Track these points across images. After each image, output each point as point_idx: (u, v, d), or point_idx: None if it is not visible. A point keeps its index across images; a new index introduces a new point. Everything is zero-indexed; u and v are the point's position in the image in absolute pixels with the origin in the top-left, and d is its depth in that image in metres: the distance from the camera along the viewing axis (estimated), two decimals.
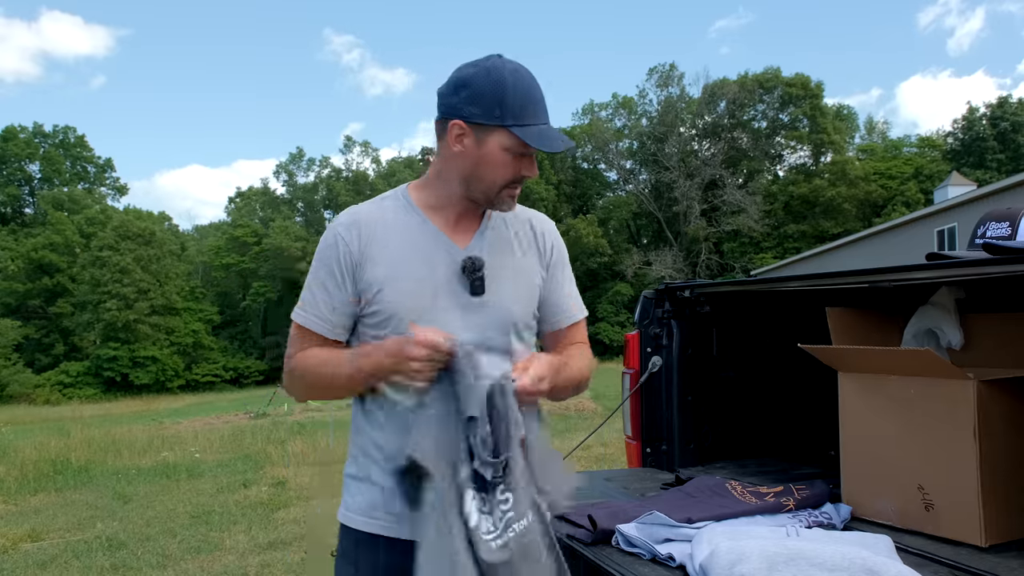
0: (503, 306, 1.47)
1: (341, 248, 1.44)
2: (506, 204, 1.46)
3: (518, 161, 1.41)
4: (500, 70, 1.39)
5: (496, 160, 1.40)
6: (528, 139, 1.37)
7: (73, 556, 5.18)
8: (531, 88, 1.41)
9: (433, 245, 1.45)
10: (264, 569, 4.79)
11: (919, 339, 2.01)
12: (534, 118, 1.39)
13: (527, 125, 1.38)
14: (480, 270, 1.44)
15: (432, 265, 1.44)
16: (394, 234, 1.45)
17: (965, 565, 1.46)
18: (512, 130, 1.37)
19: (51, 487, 7.93)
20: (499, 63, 1.40)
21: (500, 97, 1.37)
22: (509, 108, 1.37)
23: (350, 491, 1.51)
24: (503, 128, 1.38)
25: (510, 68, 1.40)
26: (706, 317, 2.63)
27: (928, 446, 1.68)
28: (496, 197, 1.44)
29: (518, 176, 1.43)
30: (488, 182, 1.42)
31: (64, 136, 54.15)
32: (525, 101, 1.39)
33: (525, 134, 1.37)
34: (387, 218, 1.47)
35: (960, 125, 50.66)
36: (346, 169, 56.21)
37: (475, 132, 1.39)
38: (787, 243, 44.64)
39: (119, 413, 23.12)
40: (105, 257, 42.12)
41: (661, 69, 50.87)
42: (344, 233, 1.45)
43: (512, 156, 1.40)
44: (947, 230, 20.18)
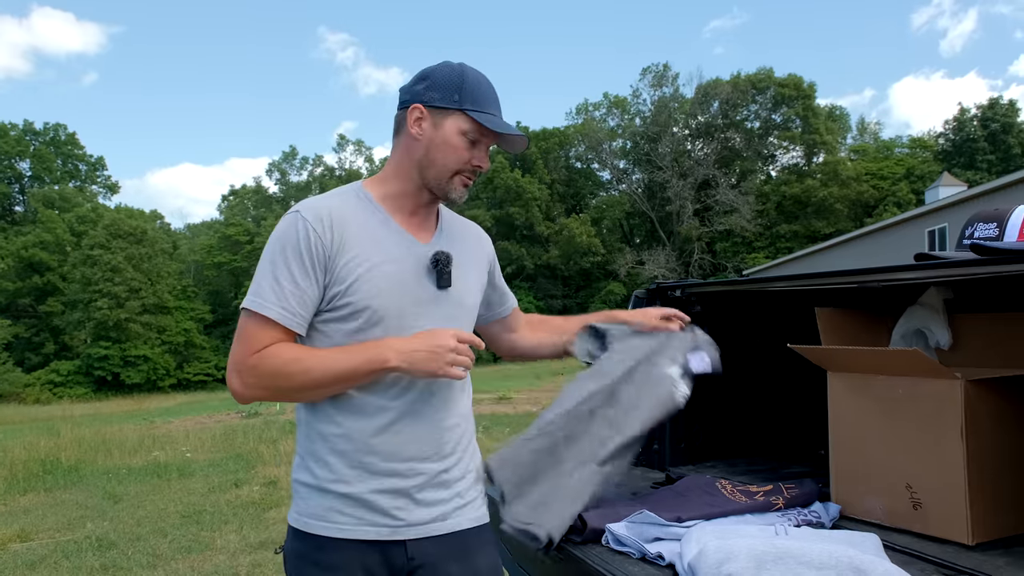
0: (463, 297, 1.57)
1: (313, 239, 1.41)
2: (457, 192, 1.51)
3: (472, 148, 1.48)
4: (460, 65, 1.51)
5: (452, 143, 1.46)
6: (485, 122, 1.46)
7: (63, 556, 5.15)
8: (489, 85, 1.51)
9: (398, 240, 1.50)
10: (255, 569, 4.78)
11: (908, 339, 2.02)
12: (492, 108, 1.49)
13: (484, 112, 1.47)
14: (450, 264, 1.51)
15: (399, 259, 1.48)
16: (361, 229, 1.47)
17: (952, 563, 1.47)
18: (469, 113, 1.46)
19: (40, 487, 7.88)
20: (460, 63, 1.52)
21: (459, 84, 1.47)
22: (468, 94, 1.46)
23: (302, 496, 1.52)
24: (461, 111, 1.46)
25: (470, 67, 1.51)
26: (697, 317, 2.63)
27: (916, 445, 1.69)
28: (448, 184, 1.49)
29: (471, 163, 1.49)
30: (440, 166, 1.48)
31: (55, 134, 53.84)
32: (483, 92, 1.49)
33: (482, 118, 1.46)
34: (353, 212, 1.49)
35: (951, 126, 50.96)
36: (339, 168, 56.12)
37: (433, 116, 1.47)
38: (779, 243, 44.82)
39: (110, 412, 23.01)
40: (96, 256, 41.89)
41: (655, 69, 51.02)
42: (315, 224, 1.42)
43: (467, 141, 1.47)
44: (938, 230, 20.30)
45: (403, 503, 1.48)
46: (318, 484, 1.49)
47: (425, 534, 1.50)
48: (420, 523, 1.50)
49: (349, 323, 1.44)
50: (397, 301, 1.46)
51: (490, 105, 1.48)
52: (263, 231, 48.78)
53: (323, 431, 1.49)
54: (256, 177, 69.12)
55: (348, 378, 1.41)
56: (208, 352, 46.57)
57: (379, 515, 1.47)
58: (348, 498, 1.46)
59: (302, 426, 1.55)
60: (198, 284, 51.10)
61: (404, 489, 1.48)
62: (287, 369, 1.40)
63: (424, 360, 1.39)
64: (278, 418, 14.99)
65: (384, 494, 1.47)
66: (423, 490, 1.50)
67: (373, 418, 1.47)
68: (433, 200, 1.55)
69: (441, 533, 1.52)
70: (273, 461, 8.94)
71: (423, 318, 1.48)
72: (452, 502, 1.54)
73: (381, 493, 1.47)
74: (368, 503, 1.46)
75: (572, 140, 52.88)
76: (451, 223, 1.64)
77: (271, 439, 10.92)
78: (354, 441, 1.47)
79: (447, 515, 1.53)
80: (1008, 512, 1.61)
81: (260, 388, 1.43)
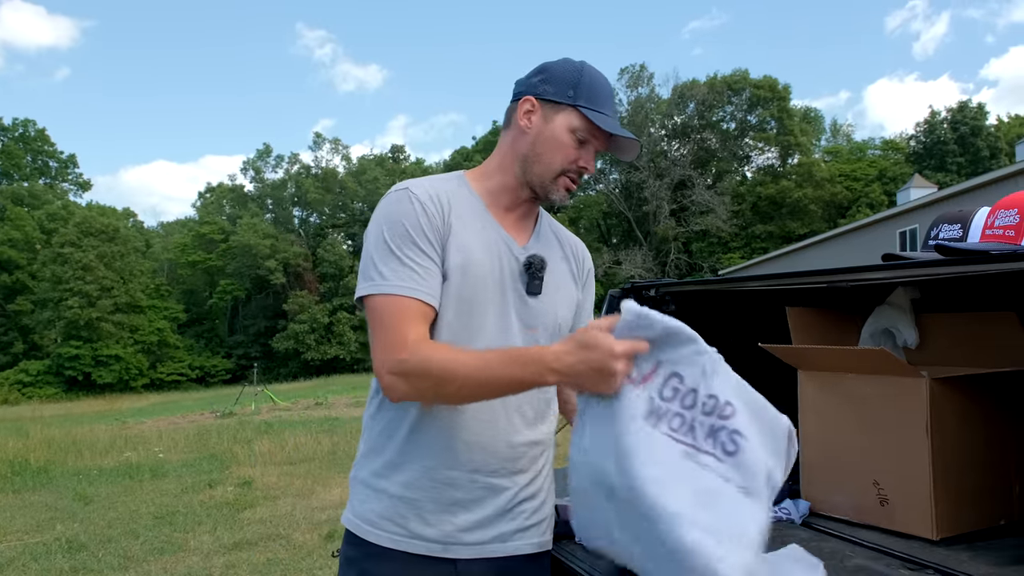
0: (553, 308, 1.45)
1: (431, 213, 1.33)
2: (559, 194, 1.42)
3: (581, 148, 1.40)
4: (581, 62, 1.44)
5: (560, 139, 1.38)
6: (598, 121, 1.37)
7: (31, 559, 5.07)
8: (607, 86, 1.44)
9: (496, 237, 1.41)
10: (229, 570, 4.74)
11: (876, 338, 2.06)
12: (607, 109, 1.41)
13: (599, 112, 1.39)
14: (543, 270, 1.42)
15: (497, 257, 1.39)
16: (464, 216, 1.39)
17: (916, 558, 1.50)
18: (582, 110, 1.38)
19: (9, 488, 7.74)
20: (581, 60, 1.44)
21: (576, 80, 1.39)
22: (584, 91, 1.39)
23: (359, 497, 1.43)
24: (574, 108, 1.38)
25: (592, 66, 1.44)
26: (672, 316, 2.66)
27: (883, 442, 1.72)
28: (552, 184, 1.41)
29: (577, 163, 1.40)
30: (546, 163, 1.39)
31: (24, 130, 52.82)
32: (600, 91, 1.41)
33: (595, 116, 1.37)
34: (455, 199, 1.40)
35: (922, 128, 51.81)
36: (315, 166, 55.70)
37: (544, 109, 1.40)
38: (755, 243, 45.26)
39: (81, 413, 22.65)
40: (67, 254, 41.21)
41: (631, 70, 51.25)
42: (428, 202, 1.35)
43: (576, 139, 1.39)
44: (909, 231, 20.64)
45: (462, 518, 1.36)
46: (375, 485, 1.39)
47: (479, 555, 1.38)
48: (476, 543, 1.38)
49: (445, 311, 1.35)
50: (484, 299, 1.36)
51: (605, 105, 1.40)
52: (238, 230, 48.29)
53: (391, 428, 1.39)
54: (231, 175, 68.54)
55: (508, 388, 1.26)
56: (182, 352, 46.05)
57: (432, 528, 1.36)
58: (402, 504, 1.36)
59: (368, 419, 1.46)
60: (172, 283, 50.48)
61: (463, 502, 1.36)
62: (442, 371, 1.24)
63: (587, 377, 1.17)
64: (253, 418, 14.85)
65: (441, 505, 1.36)
66: (484, 506, 1.38)
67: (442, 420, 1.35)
68: (533, 199, 1.45)
69: (497, 556, 1.39)
70: (248, 461, 8.86)
71: (508, 321, 1.38)
72: (515, 522, 1.41)
73: (438, 503, 1.36)
74: (423, 513, 1.36)
75: None
76: (550, 229, 1.54)
77: (246, 439, 10.82)
78: (420, 444, 1.36)
79: (507, 536, 1.40)
80: (971, 507, 1.65)
81: (422, 383, 1.26)
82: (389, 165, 56.03)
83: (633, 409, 1.14)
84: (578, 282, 1.54)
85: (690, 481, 1.10)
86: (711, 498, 1.09)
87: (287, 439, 10.29)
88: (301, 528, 5.67)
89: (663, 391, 1.15)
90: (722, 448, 1.13)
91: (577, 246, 1.58)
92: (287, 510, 6.31)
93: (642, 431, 1.13)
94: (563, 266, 1.51)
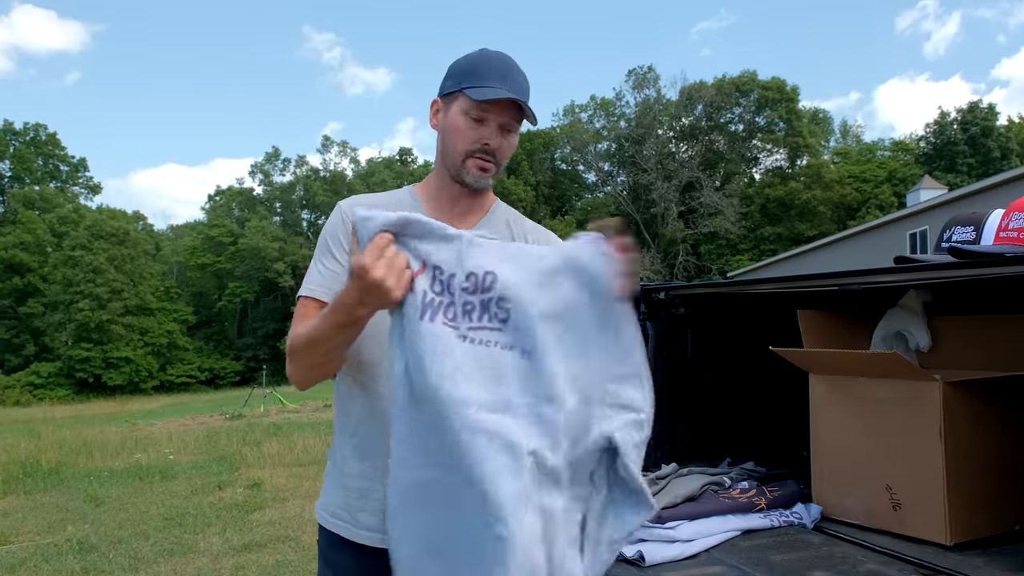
0: None
1: (341, 225, 1.45)
2: (472, 176, 1.44)
3: (480, 127, 1.41)
4: (479, 51, 1.46)
5: (456, 125, 1.42)
6: (473, 95, 1.38)
7: (43, 559, 5.10)
8: (498, 61, 1.43)
9: None
10: (238, 571, 4.75)
11: (888, 341, 2.04)
12: (491, 81, 1.39)
13: (481, 87, 1.39)
14: None
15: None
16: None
17: (930, 563, 1.49)
18: (465, 91, 1.40)
19: (20, 489, 7.79)
20: (480, 49, 1.47)
21: (465, 68, 1.44)
22: (468, 74, 1.42)
23: (324, 488, 1.52)
24: (461, 92, 1.42)
25: (488, 50, 1.46)
26: (681, 319, 2.65)
27: (896, 446, 1.71)
28: (462, 167, 1.44)
29: (480, 142, 1.42)
30: (453, 151, 1.44)
31: (35, 134, 53.21)
32: (488, 68, 1.42)
33: (473, 91, 1.39)
34: (397, 206, 1.44)
35: (932, 129, 51.52)
36: (324, 169, 55.88)
37: (444, 104, 1.46)
38: (763, 245, 45.10)
39: (91, 414, 22.77)
40: (77, 257, 41.47)
41: (638, 72, 51.20)
42: (347, 210, 1.47)
43: (470, 120, 1.41)
44: (919, 233, 20.52)
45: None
46: (333, 477, 1.49)
47: None
48: None
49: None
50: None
51: (490, 79, 1.39)
52: (247, 232, 48.49)
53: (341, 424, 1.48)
54: (240, 178, 68.83)
55: (335, 335, 1.28)
56: (191, 354, 46.24)
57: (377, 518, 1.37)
58: (353, 496, 1.43)
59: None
60: (181, 285, 50.71)
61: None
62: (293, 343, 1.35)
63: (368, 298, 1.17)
64: (262, 420, 14.89)
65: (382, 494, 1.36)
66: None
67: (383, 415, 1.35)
68: (466, 192, 1.49)
69: None
70: (257, 463, 8.89)
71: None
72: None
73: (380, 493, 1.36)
74: (371, 504, 1.40)
75: (558, 142, 52.99)
76: (504, 222, 1.56)
77: (255, 441, 10.85)
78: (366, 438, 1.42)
79: None
80: (986, 512, 1.63)
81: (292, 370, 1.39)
82: (397, 168, 56.14)
83: (411, 311, 1.15)
84: None
85: (476, 364, 1.13)
86: (497, 373, 1.13)
87: (296, 441, 10.31)
88: (310, 530, 5.67)
89: (433, 286, 1.17)
90: (498, 319, 1.16)
91: (535, 234, 1.58)
92: (296, 512, 6.32)
93: (422, 329, 1.14)
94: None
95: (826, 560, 1.47)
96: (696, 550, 1.65)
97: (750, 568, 1.52)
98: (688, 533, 1.71)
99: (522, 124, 1.47)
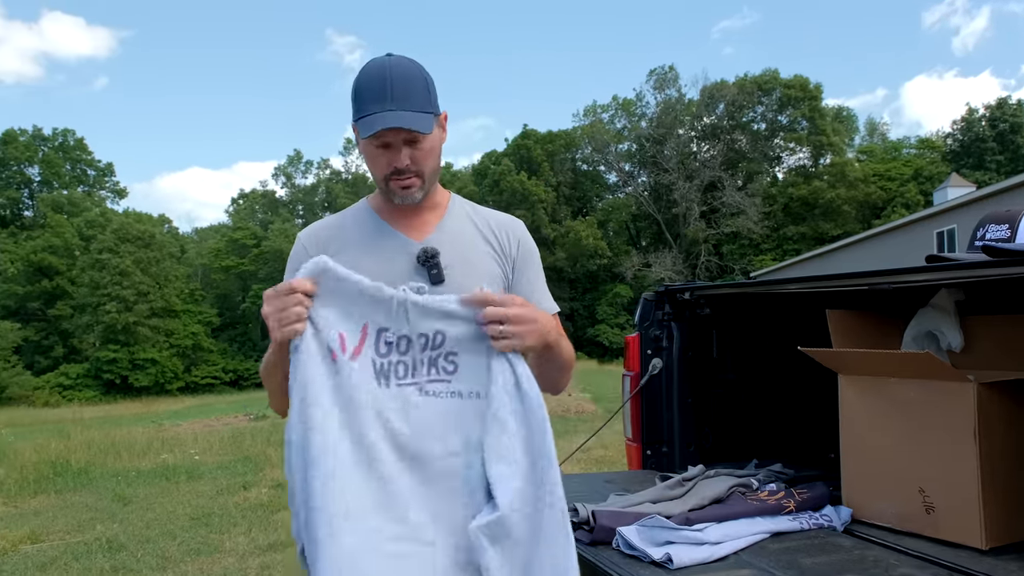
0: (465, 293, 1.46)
1: (301, 255, 1.47)
2: (398, 196, 1.45)
3: (385, 152, 1.41)
4: (365, 68, 1.43)
5: (367, 153, 1.44)
6: (362, 128, 1.39)
7: (73, 558, 5.17)
8: (376, 77, 1.40)
9: (389, 242, 1.48)
10: (264, 571, 4.79)
11: (919, 341, 2.01)
12: (373, 107, 1.38)
13: (367, 115, 1.38)
14: (435, 257, 1.44)
15: (388, 260, 1.45)
16: (352, 237, 1.50)
17: (965, 568, 1.46)
18: (357, 123, 1.41)
19: (51, 489, 7.91)
20: (372, 62, 1.43)
21: (353, 93, 1.42)
22: (356, 102, 1.41)
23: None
24: (355, 124, 1.43)
25: (373, 63, 1.42)
26: (706, 319, 2.63)
27: (928, 448, 1.68)
28: (388, 190, 1.45)
29: (391, 166, 1.41)
30: (376, 178, 1.46)
31: (63, 139, 54.13)
32: (367, 92, 1.39)
33: (361, 124, 1.39)
34: (346, 224, 1.53)
35: (959, 126, 50.73)
36: (345, 171, 56.28)
37: (356, 133, 1.45)
38: (786, 245, 44.67)
39: (119, 415, 23.09)
40: (104, 260, 42.10)
41: (659, 71, 50.97)
42: (305, 241, 1.52)
43: (374, 148, 1.41)
44: (947, 232, 20.20)
45: None
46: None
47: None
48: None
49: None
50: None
51: (372, 104, 1.38)
52: (270, 235, 48.94)
53: None
54: (263, 181, 69.48)
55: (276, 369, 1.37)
56: (216, 355, 46.73)
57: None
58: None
59: None
60: (206, 288, 51.28)
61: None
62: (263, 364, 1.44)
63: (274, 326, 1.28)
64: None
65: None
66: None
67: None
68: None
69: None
70: (281, 464, 8.92)
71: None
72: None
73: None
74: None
75: (578, 142, 52.89)
76: (465, 215, 1.56)
77: (279, 441, 10.93)
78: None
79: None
80: (1022, 516, 1.60)
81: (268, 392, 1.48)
82: None
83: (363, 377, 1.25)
84: (503, 260, 1.53)
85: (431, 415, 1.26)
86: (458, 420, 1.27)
87: None
88: None
89: (379, 348, 1.27)
90: (444, 371, 1.28)
91: (502, 226, 1.56)
92: None
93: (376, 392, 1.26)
94: (480, 248, 1.52)
95: (858, 564, 1.45)
96: (724, 552, 1.64)
97: (780, 571, 1.51)
98: (716, 535, 1.69)
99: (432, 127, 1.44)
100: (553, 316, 1.51)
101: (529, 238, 1.59)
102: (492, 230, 1.55)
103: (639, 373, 2.62)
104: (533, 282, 1.56)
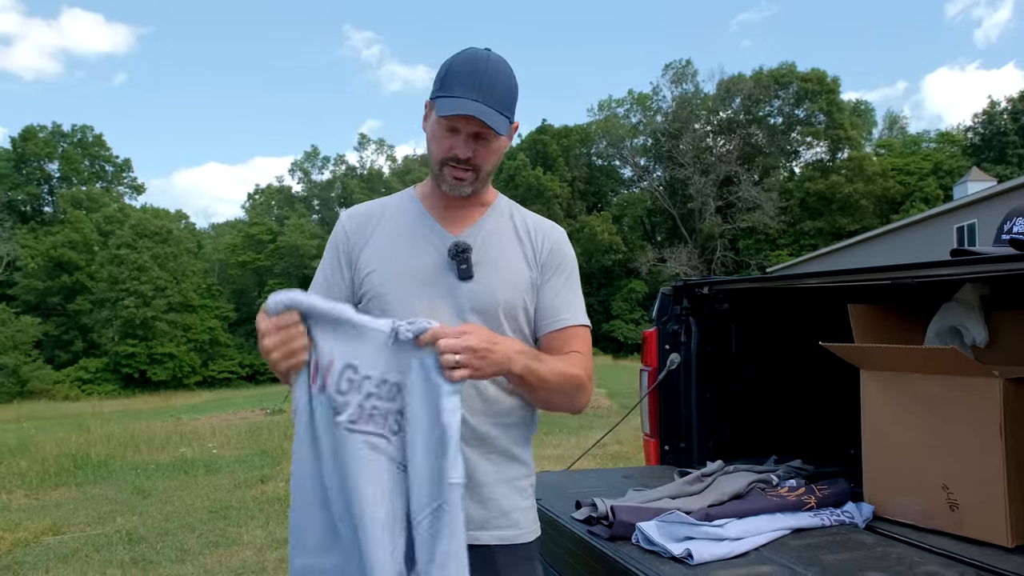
0: (491, 291, 1.43)
1: (340, 235, 1.52)
2: (447, 183, 1.43)
3: (451, 136, 1.39)
4: (461, 52, 1.42)
5: (432, 132, 1.43)
6: (439, 107, 1.36)
7: (94, 550, 5.24)
8: (471, 63, 1.39)
9: (426, 232, 1.47)
10: (281, 564, 4.82)
11: (943, 337, 1.98)
12: (457, 90, 1.36)
13: (447, 97, 1.37)
14: (465, 253, 1.42)
15: (421, 250, 1.45)
16: (391, 222, 1.50)
17: (991, 566, 1.44)
18: (436, 100, 1.39)
19: (71, 481, 8.01)
20: (464, 49, 1.42)
21: (441, 72, 1.42)
22: (442, 81, 1.39)
23: None
24: (433, 100, 1.41)
25: (472, 52, 1.41)
26: (724, 314, 2.62)
27: (953, 445, 1.66)
28: (440, 175, 1.44)
29: (451, 152, 1.40)
30: (432, 158, 1.45)
31: (82, 136, 54.67)
32: (457, 74, 1.38)
33: (439, 103, 1.37)
34: (388, 209, 1.54)
35: (980, 119, 50.08)
36: (360, 167, 56.45)
37: (429, 108, 1.44)
38: (803, 240, 44.35)
39: (137, 409, 23.34)
40: (123, 255, 42.55)
41: (676, 65, 50.69)
42: (346, 222, 1.54)
43: (443, 129, 1.39)
44: (966, 226, 19.96)
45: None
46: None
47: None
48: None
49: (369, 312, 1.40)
50: (404, 290, 1.42)
51: (457, 87, 1.36)
52: (286, 230, 49.22)
53: None
54: (279, 176, 69.87)
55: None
56: (232, 350, 47.11)
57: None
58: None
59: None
60: (222, 283, 51.68)
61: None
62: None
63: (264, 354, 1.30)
64: None
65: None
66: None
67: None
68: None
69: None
70: None
71: (438, 310, 1.40)
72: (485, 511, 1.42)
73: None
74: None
75: (594, 137, 52.75)
76: (508, 215, 1.54)
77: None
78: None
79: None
80: None
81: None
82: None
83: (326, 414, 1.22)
84: (533, 263, 1.50)
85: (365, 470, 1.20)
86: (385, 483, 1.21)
87: None
88: None
89: (340, 384, 1.22)
90: (390, 429, 1.22)
91: (539, 229, 1.54)
92: None
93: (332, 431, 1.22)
94: (513, 249, 1.50)
95: (881, 561, 1.43)
96: (745, 548, 1.62)
97: (801, 568, 1.49)
98: (737, 531, 1.68)
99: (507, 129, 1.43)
100: (581, 328, 1.49)
101: (566, 247, 1.56)
102: (528, 231, 1.53)
103: (657, 368, 2.61)
104: (558, 290, 1.50)
